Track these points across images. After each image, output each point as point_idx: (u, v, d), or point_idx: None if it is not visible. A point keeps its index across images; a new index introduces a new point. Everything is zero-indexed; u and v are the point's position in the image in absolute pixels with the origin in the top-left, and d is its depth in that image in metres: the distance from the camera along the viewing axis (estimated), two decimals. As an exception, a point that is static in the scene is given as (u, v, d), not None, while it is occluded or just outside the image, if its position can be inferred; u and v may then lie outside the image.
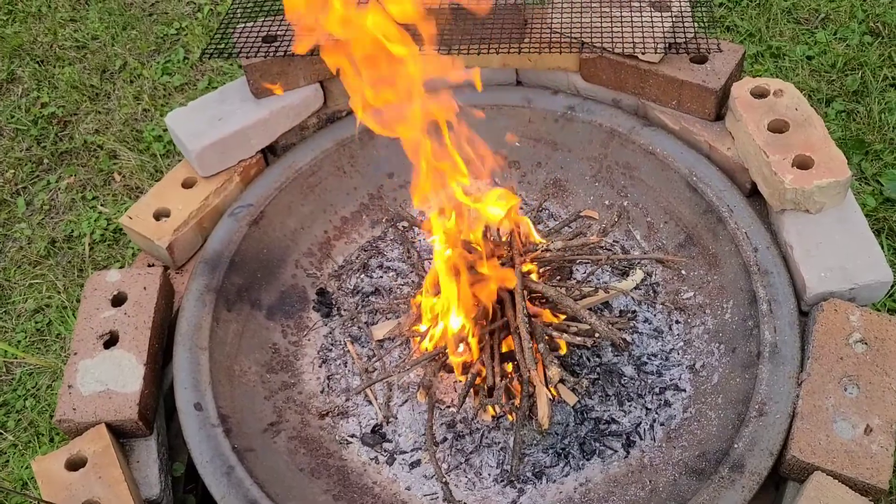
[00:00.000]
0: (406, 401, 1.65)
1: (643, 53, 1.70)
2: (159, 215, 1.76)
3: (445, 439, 1.60)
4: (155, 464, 1.52)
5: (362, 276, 1.85)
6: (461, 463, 1.57)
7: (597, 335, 1.46)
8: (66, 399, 1.52)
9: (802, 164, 1.59)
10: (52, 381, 2.13)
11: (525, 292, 1.48)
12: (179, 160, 1.93)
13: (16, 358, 2.14)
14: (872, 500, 1.32)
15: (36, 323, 2.25)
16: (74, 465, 1.46)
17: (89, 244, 2.38)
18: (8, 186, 2.57)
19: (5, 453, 2.02)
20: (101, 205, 2.49)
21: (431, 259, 1.79)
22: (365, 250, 1.89)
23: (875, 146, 2.33)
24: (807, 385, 1.43)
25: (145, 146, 2.59)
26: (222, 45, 1.79)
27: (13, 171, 2.60)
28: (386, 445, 1.60)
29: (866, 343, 1.46)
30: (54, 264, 2.37)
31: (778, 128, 1.65)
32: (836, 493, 1.32)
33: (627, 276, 1.77)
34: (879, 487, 1.33)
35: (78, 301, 2.25)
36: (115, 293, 1.65)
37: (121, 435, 1.53)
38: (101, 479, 1.43)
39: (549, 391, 1.41)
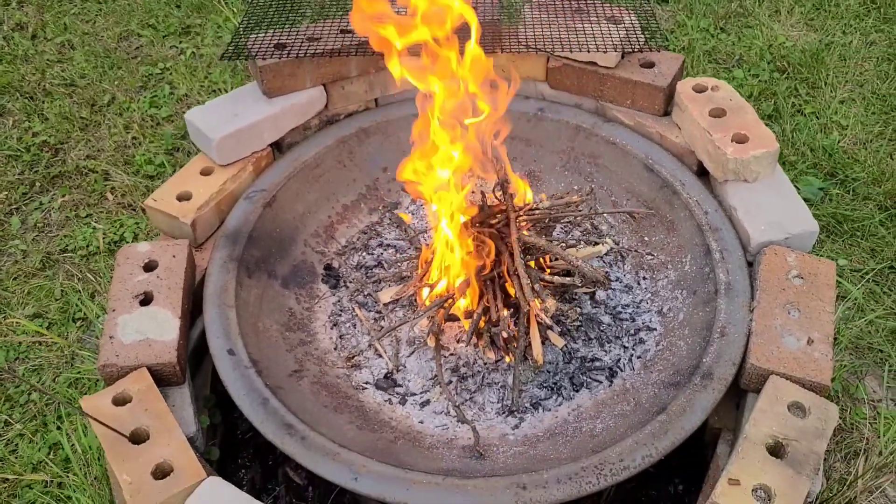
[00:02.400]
0: (413, 352, 1.85)
1: (605, 52, 2.03)
2: (182, 198, 1.94)
3: (450, 382, 1.79)
4: (190, 407, 1.66)
5: (364, 254, 2.07)
6: (466, 400, 1.76)
7: (581, 275, 1.71)
8: (108, 347, 1.66)
9: (740, 139, 1.91)
10: (55, 376, 2.23)
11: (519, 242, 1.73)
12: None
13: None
14: (818, 395, 1.59)
15: (37, 326, 2.35)
16: (120, 401, 1.59)
17: (86, 255, 2.52)
18: (2, 207, 2.69)
19: (13, 442, 2.09)
20: (95, 222, 2.64)
21: (427, 234, 2.03)
22: (364, 233, 2.11)
23: (790, 158, 2.72)
24: (757, 311, 1.71)
25: (136, 169, 2.77)
26: (238, 51, 2.04)
27: (6, 193, 2.73)
28: (398, 389, 1.79)
29: (802, 277, 1.76)
30: (51, 275, 2.49)
31: (717, 114, 1.98)
32: (789, 390, 1.58)
33: (598, 245, 2.04)
34: (823, 384, 1.59)
35: (80, 302, 2.37)
36: (147, 261, 1.81)
37: (157, 382, 1.67)
38: (148, 412, 1.57)
39: (545, 319, 1.64)
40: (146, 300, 1.75)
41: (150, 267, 1.81)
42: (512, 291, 1.74)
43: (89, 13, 3.45)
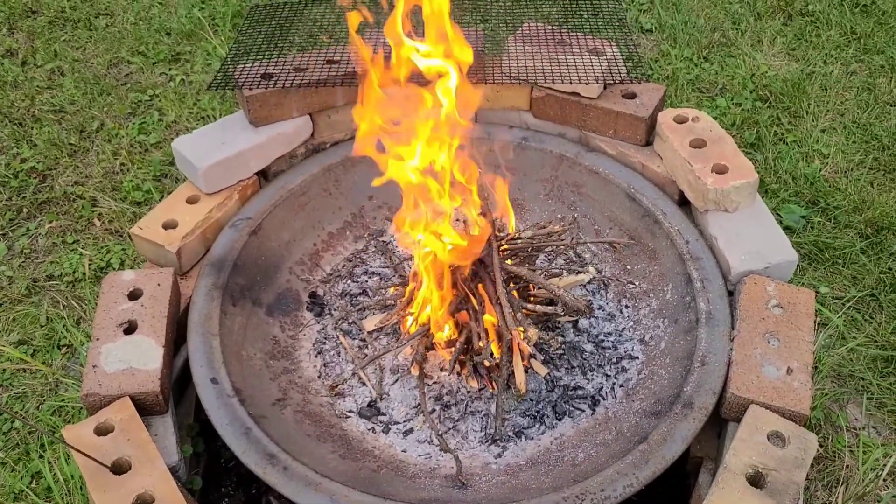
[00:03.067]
0: (396, 381, 1.86)
1: (587, 84, 2.06)
2: (167, 226, 1.95)
3: (434, 410, 1.80)
4: (173, 436, 1.66)
5: (349, 282, 2.08)
6: (449, 428, 1.77)
7: (564, 304, 1.73)
8: (91, 377, 1.66)
9: (720, 170, 1.94)
10: (39, 404, 2.22)
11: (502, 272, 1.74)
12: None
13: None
14: (798, 425, 1.60)
15: (21, 353, 2.34)
16: (102, 431, 1.59)
17: (72, 281, 2.52)
18: (-12, 233, 2.69)
19: (-6, 470, 2.08)
20: (82, 248, 2.64)
21: (411, 262, 2.04)
22: (349, 261, 2.12)
23: (772, 186, 2.75)
24: (737, 340, 1.72)
25: (124, 195, 2.77)
26: (225, 80, 2.06)
27: (-7, 219, 2.73)
28: (381, 418, 1.79)
29: (782, 307, 1.78)
30: (37, 301, 2.49)
31: (697, 145, 2.01)
32: (769, 419, 1.59)
33: (580, 273, 2.05)
34: (802, 413, 1.61)
35: (65, 329, 2.37)
36: (132, 289, 1.82)
37: (140, 412, 1.67)
38: (130, 441, 1.57)
39: (525, 349, 1.65)
40: (130, 329, 1.76)
41: (134, 295, 1.81)
42: (494, 320, 1.75)
43: (79, 40, 3.47)
